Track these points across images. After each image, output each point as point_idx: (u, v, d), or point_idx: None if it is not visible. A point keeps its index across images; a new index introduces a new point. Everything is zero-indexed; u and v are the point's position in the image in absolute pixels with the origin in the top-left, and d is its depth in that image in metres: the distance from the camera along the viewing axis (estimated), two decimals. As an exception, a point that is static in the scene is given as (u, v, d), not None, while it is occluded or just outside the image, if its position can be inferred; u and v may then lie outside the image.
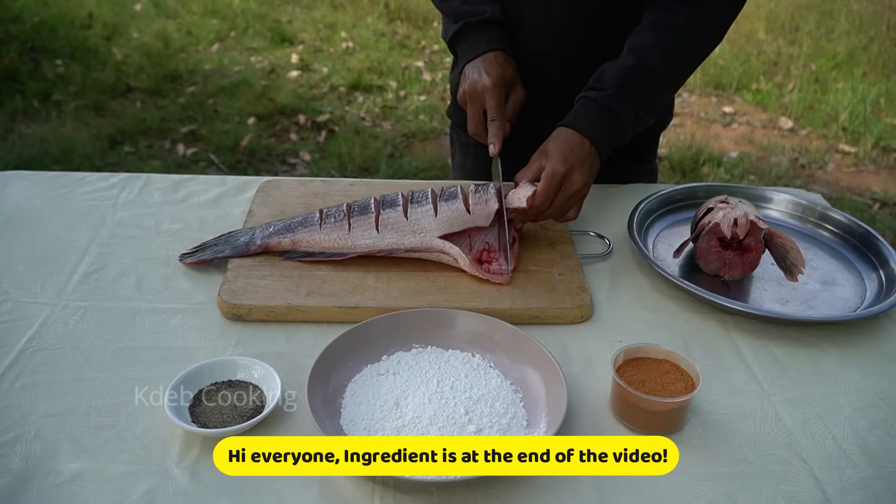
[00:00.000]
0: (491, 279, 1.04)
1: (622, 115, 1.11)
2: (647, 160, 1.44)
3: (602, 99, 1.10)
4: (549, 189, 1.05)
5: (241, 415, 0.81)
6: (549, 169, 1.06)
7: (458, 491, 0.75)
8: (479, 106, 1.15)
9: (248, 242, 1.08)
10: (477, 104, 1.15)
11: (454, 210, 1.07)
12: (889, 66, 4.44)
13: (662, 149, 3.49)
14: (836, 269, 1.13)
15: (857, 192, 3.26)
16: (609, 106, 1.10)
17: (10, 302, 0.98)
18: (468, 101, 1.16)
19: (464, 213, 1.07)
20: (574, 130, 1.09)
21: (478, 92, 1.14)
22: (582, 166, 1.07)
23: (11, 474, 0.74)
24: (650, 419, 0.82)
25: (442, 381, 0.85)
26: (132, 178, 1.29)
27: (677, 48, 1.13)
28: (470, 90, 1.15)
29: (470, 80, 1.15)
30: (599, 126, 1.10)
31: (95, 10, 4.72)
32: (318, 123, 3.61)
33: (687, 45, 1.14)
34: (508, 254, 1.07)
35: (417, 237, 1.06)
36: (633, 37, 1.14)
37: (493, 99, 1.13)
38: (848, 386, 0.91)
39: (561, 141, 1.09)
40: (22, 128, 3.38)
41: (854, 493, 0.76)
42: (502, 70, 1.16)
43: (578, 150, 1.08)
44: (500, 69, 1.15)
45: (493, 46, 1.18)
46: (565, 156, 1.06)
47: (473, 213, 1.07)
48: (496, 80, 1.14)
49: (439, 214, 1.06)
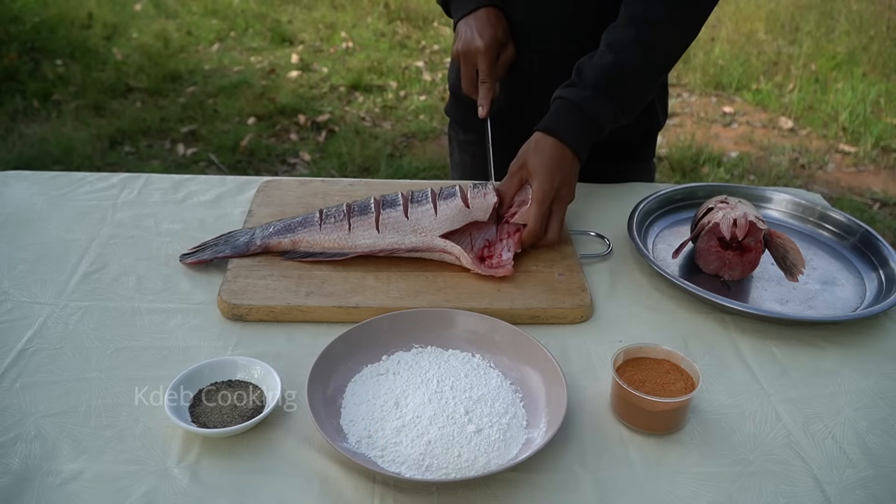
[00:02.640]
0: (494, 273, 1.03)
1: (601, 118, 1.11)
2: (644, 158, 1.44)
3: (581, 101, 1.09)
4: (541, 212, 1.07)
5: (241, 415, 0.81)
6: (539, 191, 1.06)
7: (458, 491, 0.75)
8: (471, 66, 1.18)
9: (249, 242, 1.08)
10: (469, 63, 1.18)
11: (453, 207, 1.07)
12: (889, 66, 4.44)
13: (662, 149, 3.49)
14: (836, 269, 1.13)
15: (857, 192, 3.26)
16: (588, 110, 1.09)
17: (10, 302, 0.98)
18: (461, 60, 1.19)
19: (463, 208, 1.07)
20: (555, 139, 1.09)
21: (470, 53, 1.17)
22: (568, 181, 1.09)
23: (11, 474, 0.74)
24: (650, 419, 0.82)
25: (442, 380, 0.85)
26: (132, 178, 1.29)
27: (657, 44, 1.12)
28: (463, 50, 1.17)
29: (463, 40, 1.17)
30: (579, 131, 1.10)
31: (95, 10, 4.72)
32: (318, 123, 3.61)
33: (666, 41, 1.13)
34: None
35: (418, 237, 1.06)
36: (611, 32, 1.12)
37: (485, 62, 1.15)
38: (848, 386, 0.91)
39: (543, 155, 1.08)
40: (22, 128, 3.38)
41: (854, 493, 0.76)
42: (494, 30, 1.17)
43: (562, 163, 1.08)
44: (491, 29, 1.17)
45: (485, 2, 1.19)
46: (552, 172, 1.07)
47: (472, 208, 1.08)
48: (488, 42, 1.16)
49: (439, 213, 1.06)
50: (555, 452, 0.79)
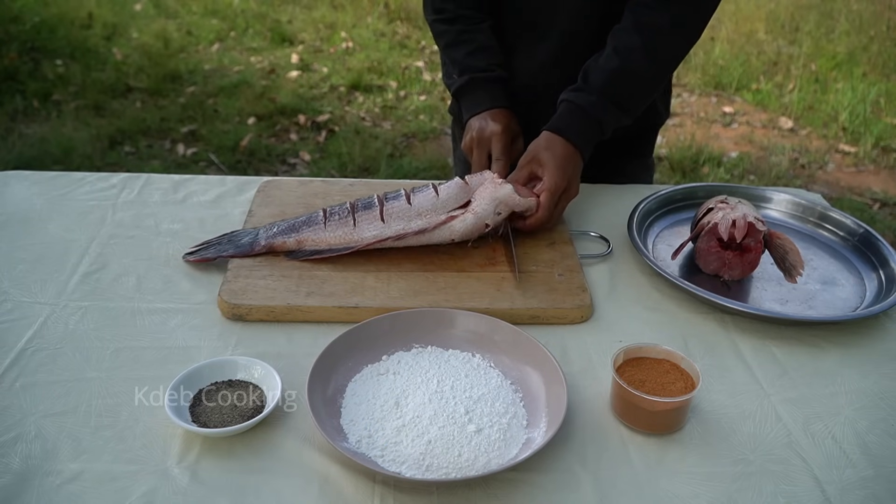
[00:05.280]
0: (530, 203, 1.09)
1: (605, 121, 1.16)
2: (643, 155, 1.45)
3: (588, 106, 1.14)
4: (552, 202, 1.11)
5: (241, 415, 0.81)
6: (551, 182, 1.11)
7: (458, 491, 0.75)
8: (485, 151, 1.20)
9: (253, 243, 1.08)
10: (483, 149, 1.20)
11: (454, 185, 1.10)
12: (889, 66, 4.44)
13: (662, 149, 3.49)
14: (836, 269, 1.13)
15: (857, 192, 3.26)
16: (594, 114, 1.15)
17: (10, 302, 0.98)
18: (475, 148, 1.21)
19: (463, 185, 1.10)
20: (565, 140, 1.14)
21: (485, 138, 1.20)
22: (576, 178, 1.14)
23: (11, 474, 0.74)
24: (650, 419, 0.82)
25: (442, 380, 0.85)
26: (132, 178, 1.29)
27: (662, 49, 1.15)
28: (478, 136, 1.20)
29: (478, 128, 1.21)
30: (586, 134, 1.15)
31: (95, 10, 4.72)
32: (318, 123, 3.61)
33: (671, 46, 1.17)
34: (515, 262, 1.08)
35: (424, 219, 1.08)
36: (616, 36, 1.15)
37: (500, 143, 1.19)
38: (848, 386, 0.91)
39: (555, 152, 1.13)
40: (22, 128, 3.38)
41: (854, 493, 0.76)
42: (508, 121, 1.22)
43: (572, 161, 1.14)
44: (506, 120, 1.21)
45: (499, 104, 1.23)
46: (563, 168, 1.12)
47: (472, 185, 1.11)
48: (504, 127, 1.20)
49: (441, 193, 1.09)
50: (555, 452, 0.79)
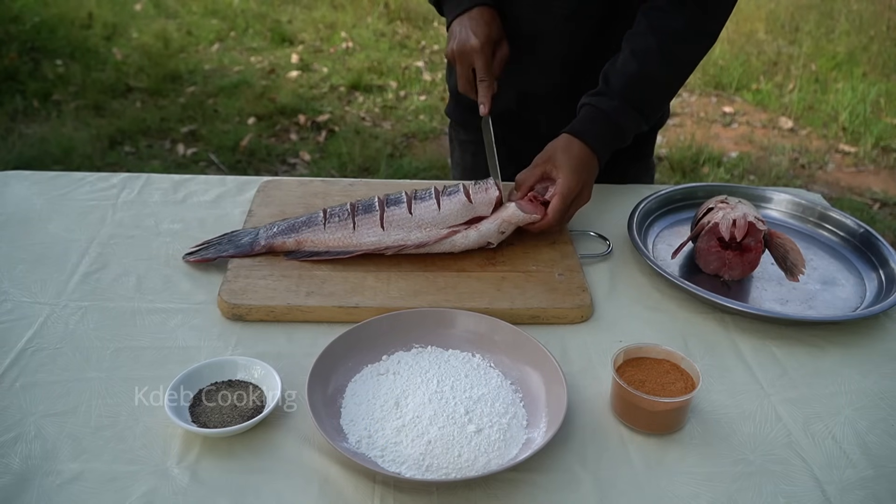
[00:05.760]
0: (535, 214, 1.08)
1: (626, 126, 1.14)
2: (644, 156, 1.45)
3: (611, 111, 1.12)
4: (563, 206, 1.09)
5: (241, 415, 0.81)
6: (564, 186, 1.09)
7: (458, 491, 0.75)
8: (467, 65, 1.17)
9: (253, 242, 1.08)
10: (465, 63, 1.17)
11: (457, 202, 1.08)
12: (889, 66, 4.44)
13: (662, 149, 3.49)
14: (836, 269, 1.13)
15: (857, 192, 3.26)
16: (617, 119, 1.13)
17: (10, 302, 0.98)
18: (457, 60, 1.17)
19: (466, 203, 1.08)
20: (583, 143, 1.12)
21: (466, 52, 1.16)
22: (589, 183, 1.12)
23: (11, 474, 0.74)
24: (650, 419, 0.82)
25: (442, 380, 0.85)
26: (132, 178, 1.29)
27: (679, 53, 1.14)
28: (458, 49, 1.16)
29: (458, 40, 1.16)
30: (606, 139, 1.13)
31: (95, 10, 4.72)
32: (318, 123, 3.61)
33: (688, 50, 1.16)
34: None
35: (423, 232, 1.07)
36: (632, 40, 1.14)
37: (482, 60, 1.15)
38: (848, 386, 0.91)
39: (572, 154, 1.11)
40: (22, 128, 3.38)
41: (854, 493, 0.76)
42: (489, 29, 1.17)
43: (588, 165, 1.11)
44: (486, 28, 1.16)
45: (479, 1, 1.19)
46: (578, 172, 1.10)
47: (475, 202, 1.09)
48: (484, 40, 1.15)
49: (442, 208, 1.08)
50: (555, 452, 0.79)
